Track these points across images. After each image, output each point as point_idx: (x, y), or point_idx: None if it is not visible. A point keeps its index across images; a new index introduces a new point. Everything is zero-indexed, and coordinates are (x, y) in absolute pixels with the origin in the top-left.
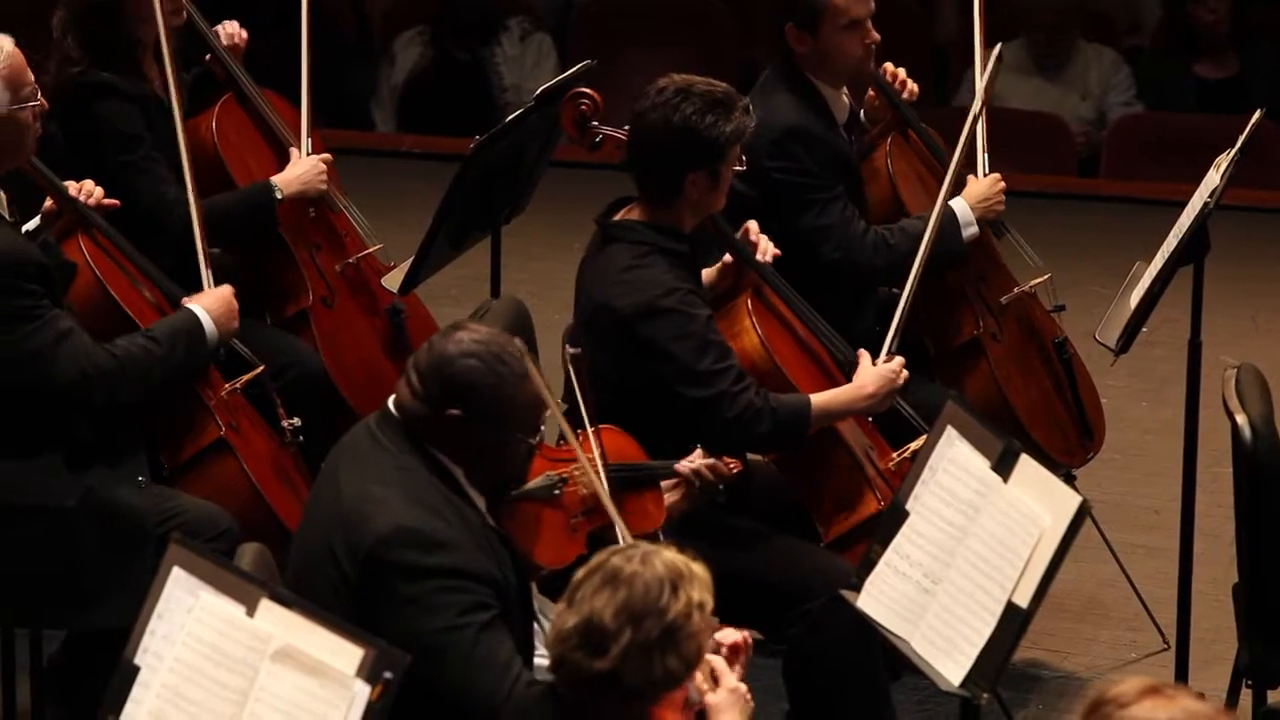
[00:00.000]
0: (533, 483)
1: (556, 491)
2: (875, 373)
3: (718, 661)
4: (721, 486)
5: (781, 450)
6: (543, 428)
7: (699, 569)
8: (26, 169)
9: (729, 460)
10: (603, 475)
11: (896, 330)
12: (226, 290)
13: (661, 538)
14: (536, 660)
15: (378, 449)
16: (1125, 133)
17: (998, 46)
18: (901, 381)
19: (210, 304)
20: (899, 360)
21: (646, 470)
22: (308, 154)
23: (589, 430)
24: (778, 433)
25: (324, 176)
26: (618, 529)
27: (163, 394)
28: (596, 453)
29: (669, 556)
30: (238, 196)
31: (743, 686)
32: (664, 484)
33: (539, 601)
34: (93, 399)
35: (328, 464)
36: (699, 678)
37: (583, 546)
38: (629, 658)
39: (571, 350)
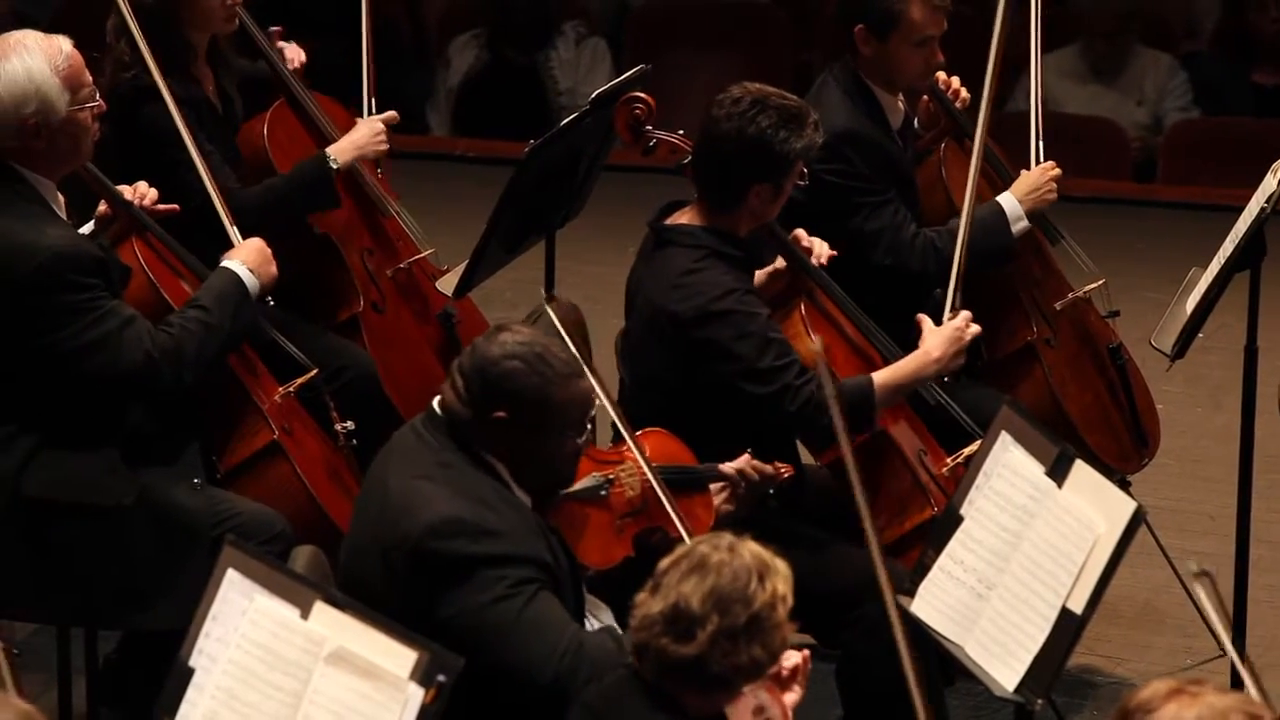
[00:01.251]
0: (579, 484)
1: (603, 493)
2: (939, 335)
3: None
4: (771, 490)
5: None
6: (590, 428)
7: (781, 564)
8: (82, 173)
9: (780, 465)
10: (655, 477)
11: (956, 286)
12: (257, 240)
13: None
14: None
15: (421, 445)
16: (1181, 138)
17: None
18: (969, 336)
19: (245, 256)
20: (964, 314)
21: (694, 473)
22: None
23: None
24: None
25: (382, 138)
26: (676, 522)
27: (217, 380)
28: (646, 454)
29: (755, 548)
30: (292, 174)
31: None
32: (713, 487)
33: (588, 601)
34: (161, 380)
35: (374, 468)
36: (763, 694)
37: (629, 548)
38: (716, 644)
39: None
